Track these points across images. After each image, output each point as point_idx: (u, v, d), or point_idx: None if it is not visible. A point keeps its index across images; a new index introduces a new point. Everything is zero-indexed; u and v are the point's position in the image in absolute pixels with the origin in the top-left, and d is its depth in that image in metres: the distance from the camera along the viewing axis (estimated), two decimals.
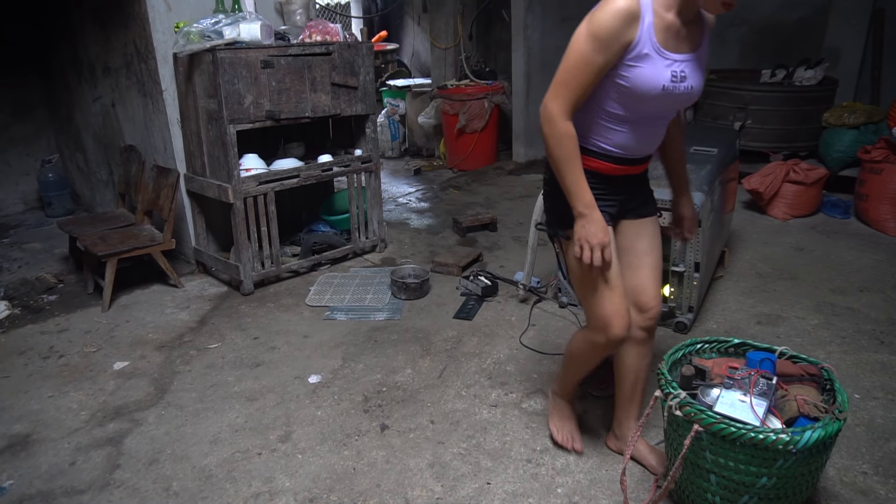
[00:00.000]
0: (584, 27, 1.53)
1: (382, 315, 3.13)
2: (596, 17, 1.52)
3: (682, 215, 2.06)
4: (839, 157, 4.61)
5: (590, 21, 1.53)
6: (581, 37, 1.54)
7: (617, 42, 1.51)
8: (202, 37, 3.06)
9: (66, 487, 2.04)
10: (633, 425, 2.04)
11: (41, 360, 2.83)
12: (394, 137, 6.75)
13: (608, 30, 1.50)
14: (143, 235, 3.40)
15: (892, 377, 2.46)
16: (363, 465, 2.09)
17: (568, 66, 1.55)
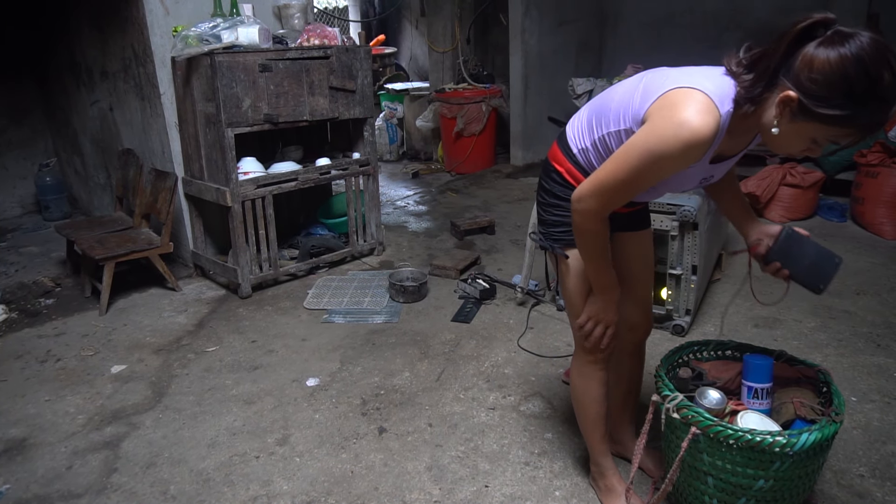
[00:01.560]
0: (644, 141, 1.31)
1: (380, 318, 3.13)
2: (662, 135, 1.28)
3: (760, 240, 1.69)
4: (835, 161, 4.63)
5: (650, 134, 1.30)
6: (640, 151, 1.32)
7: (683, 166, 1.33)
8: (200, 41, 3.07)
9: (62, 491, 2.03)
10: (629, 430, 2.06)
11: (38, 363, 2.83)
12: (392, 141, 6.76)
13: (674, 154, 1.28)
14: (140, 239, 3.40)
15: (888, 380, 2.46)
16: (361, 469, 2.09)
17: (620, 175, 1.36)
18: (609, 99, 1.53)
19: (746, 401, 1.78)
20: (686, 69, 1.44)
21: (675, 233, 2.69)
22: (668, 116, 1.29)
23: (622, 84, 1.54)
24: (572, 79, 6.03)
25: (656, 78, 1.42)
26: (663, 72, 1.45)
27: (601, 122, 1.52)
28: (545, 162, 1.71)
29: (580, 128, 1.59)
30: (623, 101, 1.46)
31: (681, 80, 1.34)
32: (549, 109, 6.26)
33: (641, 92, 1.41)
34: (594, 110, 1.56)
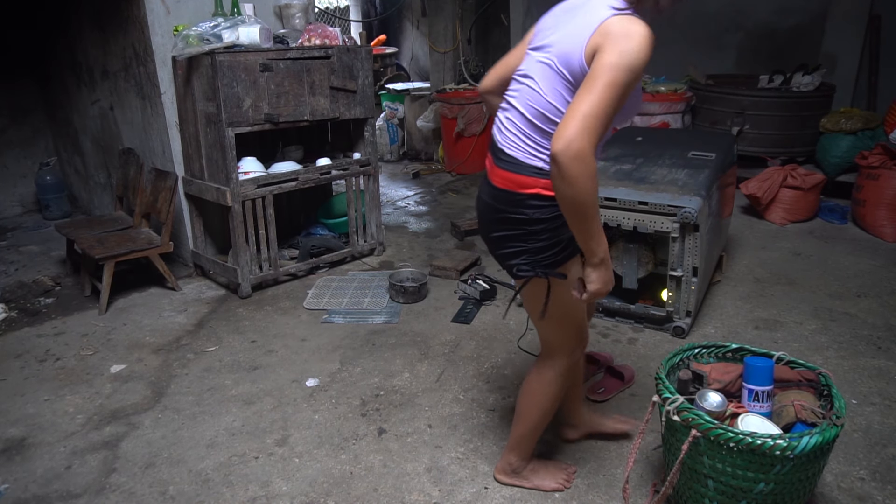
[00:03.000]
0: (618, 59, 1.38)
1: (380, 318, 3.13)
2: (631, 49, 1.38)
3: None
4: (836, 163, 4.62)
5: (623, 53, 1.38)
6: (618, 69, 1.37)
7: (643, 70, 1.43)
8: (201, 40, 3.06)
9: (61, 491, 2.03)
10: (583, 407, 2.17)
11: (38, 363, 2.82)
12: (392, 141, 6.76)
13: (644, 59, 1.40)
14: (140, 238, 3.40)
15: (889, 383, 2.46)
16: (360, 470, 2.08)
17: (604, 98, 1.36)
18: (535, 95, 1.55)
19: (747, 403, 1.78)
20: (566, 8, 1.60)
21: (675, 234, 2.68)
22: (623, 33, 1.40)
23: (527, 80, 1.57)
24: None
25: (566, 33, 1.52)
26: (561, 25, 1.56)
27: (549, 117, 1.53)
28: (506, 197, 1.60)
29: (533, 142, 1.56)
30: (554, 82, 1.52)
31: (596, 12, 1.46)
32: None
33: (565, 55, 1.49)
34: (532, 117, 1.55)
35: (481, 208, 1.73)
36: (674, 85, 5.29)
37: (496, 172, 1.63)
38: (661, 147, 3.33)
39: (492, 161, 1.66)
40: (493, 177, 1.65)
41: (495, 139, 1.66)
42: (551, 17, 1.66)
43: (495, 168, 1.64)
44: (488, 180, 1.68)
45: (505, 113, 1.64)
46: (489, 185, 1.67)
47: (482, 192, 1.72)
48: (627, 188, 2.81)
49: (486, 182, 1.69)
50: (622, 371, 2.49)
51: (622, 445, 2.16)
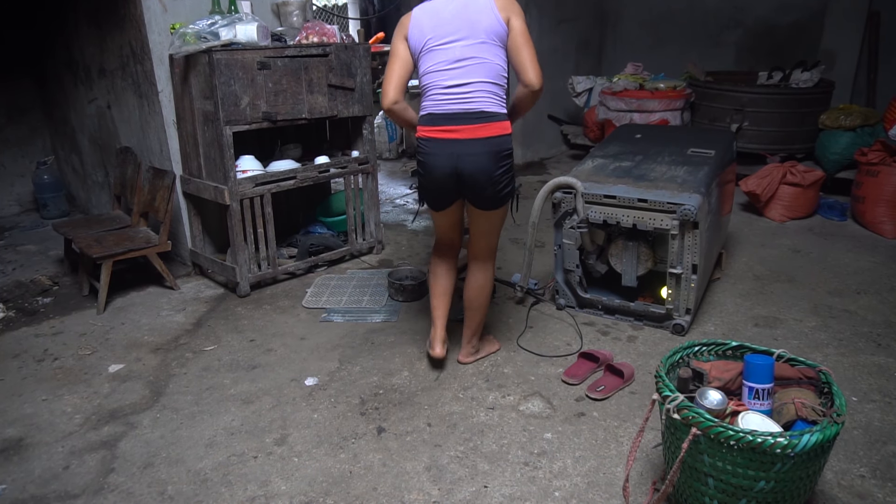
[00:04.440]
0: (522, 19, 2.22)
1: (379, 317, 3.12)
2: (522, 11, 2.24)
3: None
4: (836, 160, 4.62)
5: (521, 14, 2.23)
6: (524, 24, 2.23)
7: None
8: (198, 38, 3.05)
9: (59, 492, 2.02)
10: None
11: (35, 363, 2.81)
12: (391, 139, 6.74)
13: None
14: (138, 237, 3.39)
15: (889, 380, 2.46)
16: (359, 469, 2.08)
17: (531, 45, 2.21)
18: (488, 67, 2.19)
19: (747, 401, 1.77)
20: (451, 9, 2.21)
21: (675, 232, 2.67)
22: (513, 2, 2.24)
23: (469, 60, 2.17)
24: (572, 77, 6.02)
25: (475, 20, 2.17)
26: (461, 20, 2.18)
27: (503, 76, 2.23)
28: (501, 140, 2.20)
29: (498, 97, 2.22)
30: (495, 52, 2.20)
31: (477, 3, 2.17)
32: (549, 108, 6.24)
33: (491, 31, 2.18)
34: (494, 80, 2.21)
35: (476, 164, 2.18)
36: (673, 82, 5.28)
37: (485, 128, 2.17)
38: (661, 144, 3.32)
39: (469, 123, 2.17)
40: (482, 132, 2.17)
41: (467, 107, 2.17)
42: (433, 21, 2.20)
43: (480, 126, 2.17)
44: (476, 138, 2.17)
45: (461, 89, 2.17)
46: (480, 141, 2.17)
47: (469, 151, 2.18)
48: (627, 185, 2.80)
49: (472, 141, 2.17)
50: (622, 369, 2.48)
51: (622, 444, 2.15)
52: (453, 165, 2.20)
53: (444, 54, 2.17)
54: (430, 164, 2.24)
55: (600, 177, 2.93)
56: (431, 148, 2.21)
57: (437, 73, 2.19)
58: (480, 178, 2.21)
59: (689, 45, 6.20)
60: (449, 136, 2.17)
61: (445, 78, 2.18)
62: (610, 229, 2.93)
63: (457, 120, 2.16)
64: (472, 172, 2.19)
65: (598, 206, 2.83)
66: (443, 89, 2.19)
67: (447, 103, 2.18)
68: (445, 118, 2.18)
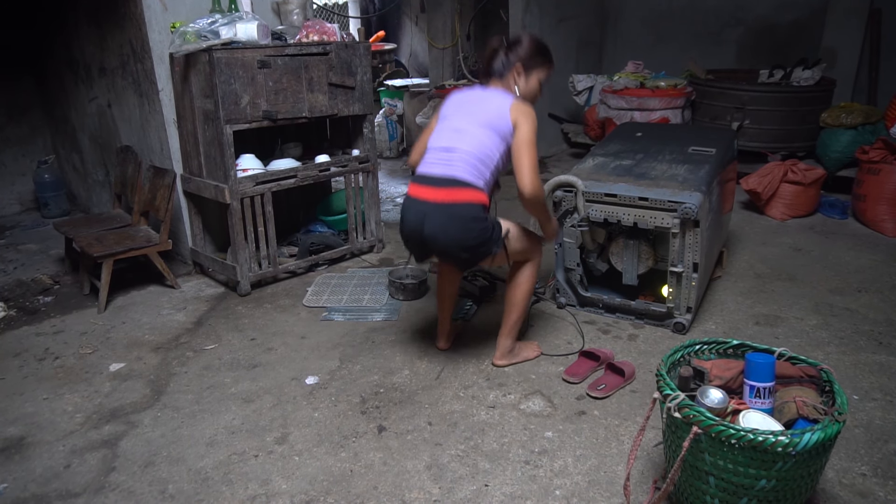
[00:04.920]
0: (531, 128, 2.28)
1: (380, 316, 3.12)
2: (534, 122, 2.29)
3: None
4: (837, 158, 4.61)
5: (531, 125, 2.28)
6: (533, 134, 2.28)
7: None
8: (198, 37, 3.05)
9: (60, 491, 2.02)
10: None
11: (36, 361, 2.82)
12: (391, 137, 6.74)
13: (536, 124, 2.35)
14: (139, 236, 3.39)
15: (890, 378, 2.45)
16: (360, 467, 2.08)
17: (533, 153, 2.28)
18: (478, 144, 2.28)
19: (748, 400, 1.77)
20: (474, 99, 2.41)
21: (676, 230, 2.67)
22: (527, 112, 2.31)
23: (466, 134, 2.30)
24: (573, 75, 6.02)
25: (485, 111, 2.32)
26: (474, 108, 2.36)
27: (490, 156, 2.30)
28: (464, 209, 2.23)
29: (478, 171, 2.28)
30: (491, 138, 2.29)
31: (503, 100, 2.33)
32: (550, 106, 6.23)
33: (495, 124, 2.29)
34: (480, 155, 2.29)
35: (438, 227, 2.25)
36: (674, 80, 5.27)
37: (453, 193, 2.24)
38: (662, 143, 3.31)
39: (440, 187, 2.25)
40: (450, 196, 2.23)
41: (445, 172, 2.27)
42: (456, 104, 2.42)
43: (450, 191, 2.24)
44: (442, 202, 2.23)
45: (447, 154, 2.29)
46: (445, 206, 2.23)
47: (434, 212, 2.24)
48: (627, 184, 2.80)
49: (438, 204, 2.24)
50: (623, 367, 2.48)
51: (623, 443, 2.15)
52: (420, 224, 2.28)
53: (448, 124, 2.37)
54: (403, 219, 2.37)
55: (601, 175, 2.92)
56: (406, 203, 2.35)
57: (435, 136, 2.39)
58: (445, 241, 2.27)
59: (689, 43, 6.20)
60: (421, 196, 2.29)
61: (439, 140, 2.36)
62: (611, 228, 2.93)
63: (432, 182, 2.28)
64: (435, 234, 2.26)
65: (598, 205, 2.83)
66: (434, 150, 2.35)
67: (432, 165, 2.32)
68: (424, 179, 2.32)
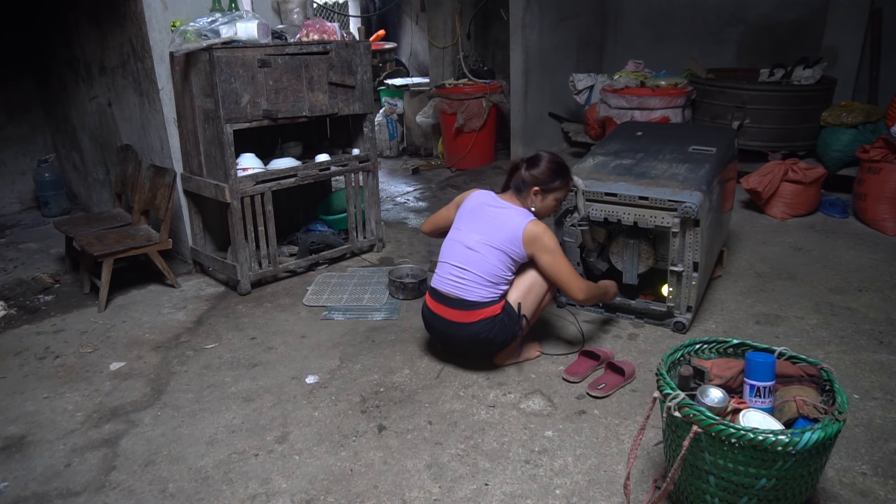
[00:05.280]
0: (553, 248, 2.44)
1: (380, 315, 3.12)
2: (550, 241, 2.44)
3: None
4: (837, 157, 4.60)
5: (549, 245, 2.43)
6: (557, 253, 2.45)
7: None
8: (199, 36, 3.05)
9: (61, 489, 2.03)
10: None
11: (37, 360, 2.82)
12: (392, 137, 6.74)
13: (554, 237, 2.50)
14: (139, 235, 3.39)
15: (890, 377, 2.45)
16: (360, 467, 2.08)
17: (565, 264, 2.48)
18: (486, 265, 2.44)
19: (749, 399, 1.77)
20: (490, 213, 2.54)
21: (676, 229, 2.67)
22: (541, 236, 2.43)
23: (476, 253, 2.45)
24: (573, 75, 6.01)
25: (497, 228, 2.47)
26: (489, 221, 2.50)
27: (499, 276, 2.46)
28: (479, 327, 2.43)
29: (488, 290, 2.45)
30: (500, 257, 2.45)
31: (513, 225, 2.45)
32: (550, 105, 6.23)
33: (506, 245, 2.44)
34: (488, 277, 2.45)
35: (459, 342, 2.51)
36: (674, 79, 5.27)
37: (466, 315, 2.43)
38: (662, 142, 3.31)
39: (455, 308, 2.45)
40: (463, 318, 2.44)
41: (457, 293, 2.46)
42: (473, 211, 2.57)
43: (463, 313, 2.44)
44: (457, 322, 2.45)
45: (460, 272, 2.46)
46: (460, 325, 2.45)
47: (452, 332, 2.49)
48: (628, 183, 2.80)
49: (454, 323, 2.46)
50: (623, 367, 2.48)
51: (623, 442, 2.15)
52: (448, 341, 2.59)
53: (462, 237, 2.53)
54: (427, 325, 2.63)
55: (601, 174, 2.92)
56: (426, 314, 2.60)
57: (451, 245, 2.55)
58: (469, 349, 2.56)
59: (690, 42, 6.19)
60: (440, 314, 2.52)
61: (451, 255, 2.53)
62: (611, 227, 2.93)
63: (448, 303, 2.49)
64: (463, 348, 2.58)
65: (598, 204, 2.83)
66: (449, 265, 2.52)
67: (445, 283, 2.51)
68: (440, 296, 2.52)
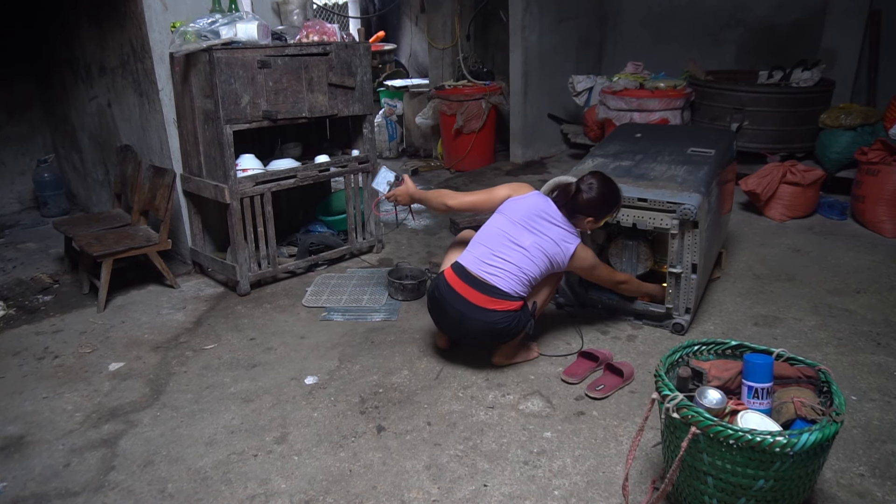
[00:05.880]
0: (593, 262, 2.57)
1: (379, 316, 3.12)
2: (592, 260, 2.57)
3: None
4: (836, 159, 4.61)
5: (590, 259, 2.55)
6: (596, 264, 2.59)
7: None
8: (199, 36, 3.05)
9: (60, 489, 2.03)
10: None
11: (36, 360, 2.82)
12: (391, 138, 6.74)
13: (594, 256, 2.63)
14: (139, 236, 3.39)
15: (888, 379, 2.46)
16: (359, 467, 2.08)
17: (604, 270, 2.66)
18: (530, 264, 2.45)
19: (747, 400, 1.78)
20: (545, 220, 2.51)
21: (675, 231, 2.68)
22: (589, 254, 2.56)
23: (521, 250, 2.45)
24: (572, 76, 6.02)
25: (548, 238, 2.48)
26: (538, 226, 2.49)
27: (536, 278, 2.49)
28: (499, 317, 2.41)
29: (520, 285, 2.44)
30: (543, 262, 2.47)
31: (566, 242, 2.49)
32: (549, 107, 6.24)
33: (552, 256, 2.48)
34: (527, 274, 2.45)
35: (474, 327, 2.44)
36: (673, 81, 5.28)
37: (490, 302, 2.40)
38: (661, 143, 3.32)
39: (480, 292, 2.41)
40: (486, 304, 2.40)
41: (487, 279, 2.42)
42: (526, 211, 2.51)
43: (488, 299, 2.40)
44: (478, 305, 2.40)
45: (497, 259, 2.44)
46: (480, 309, 2.41)
47: (470, 314, 2.42)
48: (627, 185, 2.80)
49: (475, 307, 2.41)
50: (621, 368, 2.48)
51: (622, 443, 2.16)
52: (459, 322, 2.47)
53: (510, 229, 2.48)
54: (438, 305, 2.53)
55: None
56: (442, 289, 2.50)
57: (497, 234, 2.49)
58: (477, 334, 2.49)
59: (689, 43, 6.20)
60: (459, 291, 2.44)
61: (493, 241, 2.48)
62: (610, 228, 2.93)
63: (474, 284, 2.43)
64: (473, 334, 2.50)
65: None
66: (490, 251, 2.46)
67: (478, 264, 2.46)
68: (466, 275, 2.46)
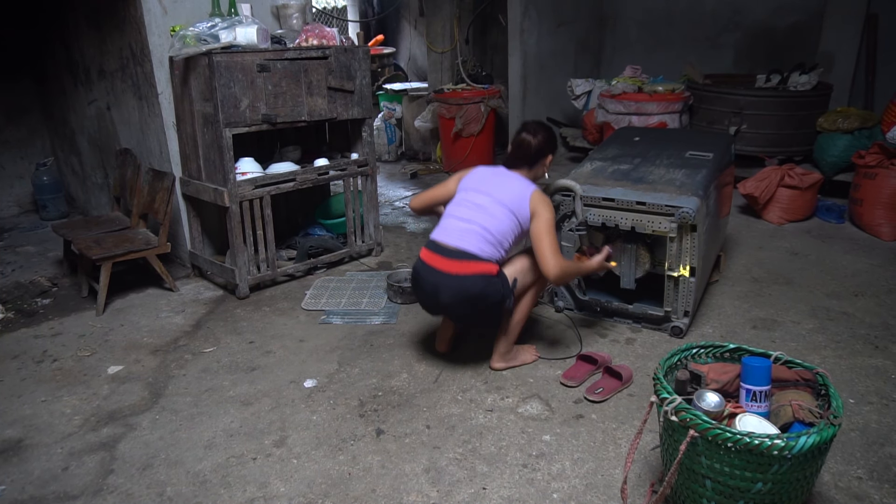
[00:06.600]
0: (550, 216, 2.42)
1: (378, 319, 3.12)
2: (550, 209, 2.44)
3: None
4: (834, 162, 4.63)
5: (549, 212, 2.43)
6: (551, 220, 2.42)
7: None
8: (198, 40, 3.06)
9: (58, 493, 2.03)
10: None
11: (35, 364, 2.82)
12: (390, 141, 6.75)
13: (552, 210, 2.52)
14: (138, 239, 3.39)
15: (886, 382, 2.46)
16: (358, 471, 2.08)
17: (553, 237, 2.41)
18: (493, 222, 2.41)
19: (745, 403, 1.78)
20: (498, 179, 2.53)
21: (673, 234, 2.68)
22: (547, 201, 2.47)
23: (482, 210, 2.43)
24: (571, 80, 6.04)
25: (506, 190, 2.46)
26: (496, 184, 2.50)
27: (505, 234, 2.43)
28: (472, 281, 2.35)
29: (490, 245, 2.40)
30: (507, 217, 2.42)
31: (522, 188, 2.46)
32: (548, 110, 6.25)
33: (514, 205, 2.43)
34: (493, 232, 2.41)
35: (450, 296, 2.37)
36: (671, 85, 5.29)
37: (462, 265, 2.36)
38: (659, 147, 3.33)
39: (451, 258, 2.38)
40: (458, 269, 2.36)
41: (457, 244, 2.39)
42: (479, 179, 2.54)
43: (459, 263, 2.36)
44: (451, 273, 2.36)
45: (463, 224, 2.43)
46: (454, 277, 2.36)
47: (445, 283, 2.37)
48: (625, 188, 2.81)
49: (448, 275, 2.36)
50: (620, 371, 2.49)
51: (620, 446, 2.16)
52: (435, 295, 2.43)
53: (470, 196, 2.50)
54: (418, 286, 2.52)
55: (599, 179, 2.93)
56: (418, 268, 2.49)
57: (455, 205, 2.52)
58: (461, 311, 2.44)
59: (687, 47, 6.22)
60: (433, 265, 2.43)
61: (458, 210, 2.49)
62: (608, 232, 2.94)
63: (446, 253, 2.41)
64: (450, 304, 2.42)
65: (596, 209, 2.84)
66: (452, 217, 2.49)
67: (447, 234, 2.45)
68: (438, 247, 2.44)
